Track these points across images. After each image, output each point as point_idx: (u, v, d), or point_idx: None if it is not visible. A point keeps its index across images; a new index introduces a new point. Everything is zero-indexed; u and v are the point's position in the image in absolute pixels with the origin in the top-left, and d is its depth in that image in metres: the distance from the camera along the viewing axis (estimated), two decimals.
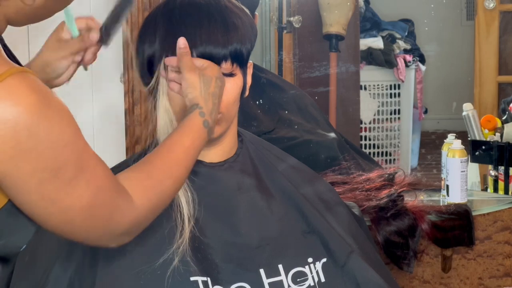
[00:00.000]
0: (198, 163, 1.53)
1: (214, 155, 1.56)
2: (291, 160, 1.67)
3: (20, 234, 1.41)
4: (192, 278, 1.42)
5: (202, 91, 1.44)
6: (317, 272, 1.53)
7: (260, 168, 1.60)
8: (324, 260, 1.55)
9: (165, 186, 1.35)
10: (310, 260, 1.54)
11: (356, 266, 1.55)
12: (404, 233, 2.14)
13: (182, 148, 1.38)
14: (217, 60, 1.49)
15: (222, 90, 1.47)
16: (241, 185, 1.55)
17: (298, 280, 1.51)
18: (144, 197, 1.31)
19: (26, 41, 2.40)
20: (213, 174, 1.54)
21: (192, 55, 1.47)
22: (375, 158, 3.99)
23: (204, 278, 1.43)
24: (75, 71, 1.61)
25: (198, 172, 1.53)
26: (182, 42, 1.45)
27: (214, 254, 1.47)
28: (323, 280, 1.53)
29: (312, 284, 1.51)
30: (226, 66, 1.50)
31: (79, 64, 1.61)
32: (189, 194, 1.47)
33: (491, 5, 3.79)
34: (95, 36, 1.55)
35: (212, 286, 1.44)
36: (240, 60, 1.52)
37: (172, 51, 1.48)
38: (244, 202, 1.53)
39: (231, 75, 1.52)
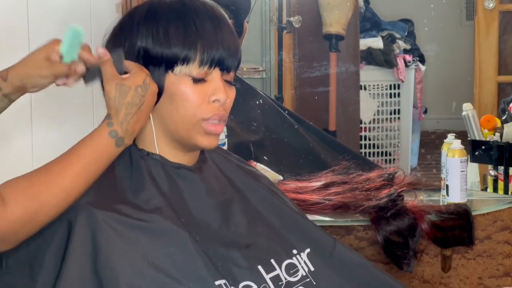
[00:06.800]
0: (181, 167, 1.52)
1: (188, 158, 1.52)
2: (235, 158, 1.67)
3: None
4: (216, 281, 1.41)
5: (116, 101, 1.40)
6: (304, 262, 1.56)
7: (225, 170, 1.60)
8: (308, 250, 1.57)
9: (45, 196, 1.33)
10: (294, 251, 1.56)
11: (343, 252, 1.60)
12: (404, 233, 2.14)
13: (77, 158, 1.36)
14: (227, 68, 1.47)
15: (148, 98, 1.42)
16: (213, 188, 1.53)
17: (291, 272, 1.53)
18: (19, 204, 1.30)
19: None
20: (192, 177, 1.52)
21: (204, 59, 1.44)
22: (375, 158, 4.00)
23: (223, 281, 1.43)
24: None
25: (181, 174, 1.51)
26: (102, 51, 1.41)
27: (213, 256, 1.47)
28: (312, 269, 1.55)
29: (304, 274, 1.54)
30: (233, 74, 1.50)
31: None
32: None
33: (491, 5, 3.79)
34: (81, 68, 1.46)
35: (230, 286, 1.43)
36: (237, 68, 1.52)
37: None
38: (225, 204, 1.53)
39: (232, 83, 1.50)
